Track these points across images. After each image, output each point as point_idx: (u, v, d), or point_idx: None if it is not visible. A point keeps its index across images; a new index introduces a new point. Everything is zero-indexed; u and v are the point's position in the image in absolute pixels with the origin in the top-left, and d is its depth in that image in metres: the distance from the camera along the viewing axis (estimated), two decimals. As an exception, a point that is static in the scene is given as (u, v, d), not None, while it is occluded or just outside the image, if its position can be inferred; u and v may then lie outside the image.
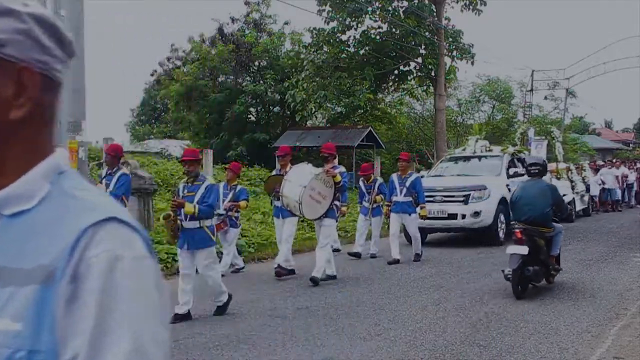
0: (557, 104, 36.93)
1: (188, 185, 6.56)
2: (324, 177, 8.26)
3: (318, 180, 8.17)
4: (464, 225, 12.09)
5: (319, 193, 8.15)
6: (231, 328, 6.09)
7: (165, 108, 38.81)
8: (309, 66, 22.95)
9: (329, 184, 8.26)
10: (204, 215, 6.38)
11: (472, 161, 14.17)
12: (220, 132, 27.18)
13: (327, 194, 8.26)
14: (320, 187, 8.18)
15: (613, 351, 5.26)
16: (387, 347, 5.36)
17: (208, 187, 6.44)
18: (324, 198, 8.20)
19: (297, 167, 8.65)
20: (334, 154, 8.79)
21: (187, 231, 6.44)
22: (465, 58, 22.84)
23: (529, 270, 7.33)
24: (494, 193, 12.04)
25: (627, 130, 67.21)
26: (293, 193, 8.08)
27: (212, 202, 6.45)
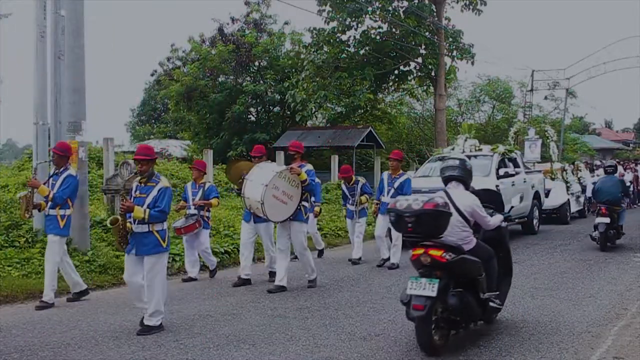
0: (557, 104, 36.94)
1: (141, 186, 6.09)
2: (288, 176, 7.74)
3: (282, 179, 7.65)
4: None
5: (284, 192, 7.64)
6: (231, 328, 6.09)
7: (165, 108, 38.81)
8: (309, 66, 22.94)
9: (295, 183, 7.75)
10: (155, 220, 5.94)
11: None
12: (221, 132, 27.18)
13: (293, 193, 7.73)
14: (285, 186, 7.67)
15: (613, 351, 5.26)
16: (387, 347, 5.36)
17: (161, 190, 5.97)
18: (290, 198, 7.69)
19: (260, 166, 8.05)
20: (301, 152, 8.37)
21: (136, 235, 5.98)
22: (465, 58, 22.84)
23: (610, 232, 11.30)
24: None
25: (627, 130, 67.24)
26: (255, 193, 7.54)
27: (165, 206, 5.96)
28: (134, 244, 5.99)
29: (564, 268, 9.59)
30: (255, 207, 7.66)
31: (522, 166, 14.25)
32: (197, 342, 5.59)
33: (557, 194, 16.66)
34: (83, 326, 6.25)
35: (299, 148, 8.38)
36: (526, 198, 13.46)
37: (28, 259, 8.62)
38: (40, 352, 5.34)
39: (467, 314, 5.28)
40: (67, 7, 9.25)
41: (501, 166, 12.99)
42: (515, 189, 12.89)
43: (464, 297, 5.21)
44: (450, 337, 5.35)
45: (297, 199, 7.77)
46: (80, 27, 9.38)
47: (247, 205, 7.89)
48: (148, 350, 5.36)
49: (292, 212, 7.76)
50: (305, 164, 8.23)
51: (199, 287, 8.34)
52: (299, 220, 7.91)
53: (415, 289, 4.99)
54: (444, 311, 5.13)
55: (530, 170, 15.04)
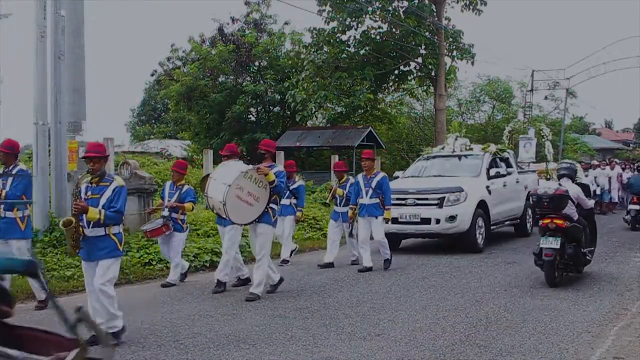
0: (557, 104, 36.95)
1: (92, 186, 5.64)
2: (254, 176, 7.22)
3: (247, 179, 7.16)
4: (438, 230, 11.08)
5: (249, 194, 7.15)
6: (231, 328, 6.09)
7: (165, 108, 38.85)
8: (309, 66, 22.95)
9: (262, 184, 7.25)
10: (111, 221, 5.55)
11: (451, 161, 13.12)
12: (221, 132, 27.20)
13: (260, 195, 7.23)
14: (251, 187, 7.18)
15: (613, 351, 5.25)
16: (387, 347, 5.36)
17: (116, 190, 5.56)
18: (256, 200, 7.20)
19: (226, 164, 7.71)
20: (272, 152, 7.87)
21: (90, 239, 5.57)
22: (466, 58, 22.84)
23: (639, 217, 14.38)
24: (472, 196, 11.11)
25: (627, 130, 67.23)
26: (217, 193, 7.12)
27: (121, 206, 5.56)
28: (87, 249, 5.60)
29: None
30: (217, 207, 7.23)
31: (515, 166, 13.87)
32: (197, 342, 5.59)
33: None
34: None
35: (269, 147, 7.86)
36: (519, 199, 13.24)
37: (28, 259, 8.61)
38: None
39: (577, 261, 8.06)
40: (67, 7, 9.26)
41: (492, 166, 12.54)
42: (507, 189, 12.60)
43: (575, 249, 7.95)
44: (450, 337, 5.38)
45: (264, 201, 7.29)
46: (80, 27, 9.39)
47: (210, 205, 7.50)
48: (148, 350, 5.36)
49: (258, 215, 7.28)
50: (276, 165, 7.80)
51: (199, 287, 8.34)
52: (266, 222, 7.42)
53: (545, 244, 7.79)
54: (562, 258, 7.92)
55: (523, 170, 14.65)
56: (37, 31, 9.64)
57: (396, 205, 10.61)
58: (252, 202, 7.18)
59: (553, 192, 7.82)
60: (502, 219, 12.40)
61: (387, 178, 9.70)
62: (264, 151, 7.74)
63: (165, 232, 8.25)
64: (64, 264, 8.75)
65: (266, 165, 7.50)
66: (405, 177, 12.79)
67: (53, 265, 8.59)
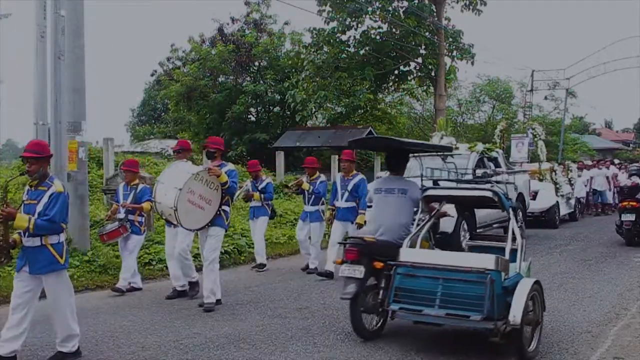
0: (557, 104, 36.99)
1: (31, 190, 5.09)
2: (205, 177, 6.77)
3: (198, 181, 6.71)
4: None
5: (201, 197, 6.71)
6: (231, 328, 6.09)
7: (165, 108, 38.84)
8: (309, 66, 22.96)
9: (214, 185, 6.82)
10: (43, 231, 4.94)
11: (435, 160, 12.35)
12: (221, 132, 27.19)
13: (212, 197, 6.82)
14: (202, 190, 6.74)
15: (613, 351, 5.26)
16: (387, 347, 5.36)
17: (53, 196, 4.94)
18: (208, 203, 6.78)
19: (173, 166, 7.21)
20: (222, 150, 7.36)
21: (27, 250, 5.06)
22: (465, 58, 22.86)
23: None
24: None
25: (627, 130, 67.23)
26: (167, 198, 6.62)
27: (55, 215, 4.91)
28: (25, 260, 5.07)
29: (563, 268, 9.59)
30: (167, 213, 6.71)
31: (504, 166, 13.28)
32: (197, 342, 5.59)
33: (545, 195, 15.47)
34: (83, 326, 6.25)
35: (219, 145, 7.34)
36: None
37: (28, 259, 8.61)
38: (40, 352, 5.35)
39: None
40: (67, 7, 9.25)
41: (479, 166, 11.86)
42: None
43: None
44: (451, 337, 5.35)
45: (216, 204, 6.86)
46: (80, 27, 9.38)
47: (159, 211, 6.89)
48: (148, 350, 5.36)
49: (211, 219, 6.86)
50: (227, 164, 7.25)
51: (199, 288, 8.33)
52: (218, 226, 6.95)
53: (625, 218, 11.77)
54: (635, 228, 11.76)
55: (513, 171, 13.97)
56: (37, 31, 9.63)
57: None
58: (204, 205, 6.76)
59: (630, 184, 12.48)
60: (489, 221, 11.68)
61: (366, 180, 9.10)
62: (214, 149, 7.27)
63: (123, 234, 7.90)
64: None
65: (216, 165, 7.07)
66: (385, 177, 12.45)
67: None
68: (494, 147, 13.76)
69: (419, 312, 5.06)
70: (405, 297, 5.14)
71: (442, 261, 5.17)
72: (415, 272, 5.16)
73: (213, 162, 7.21)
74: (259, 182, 9.78)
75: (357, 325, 5.54)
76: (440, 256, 5.40)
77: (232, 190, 7.00)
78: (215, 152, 7.26)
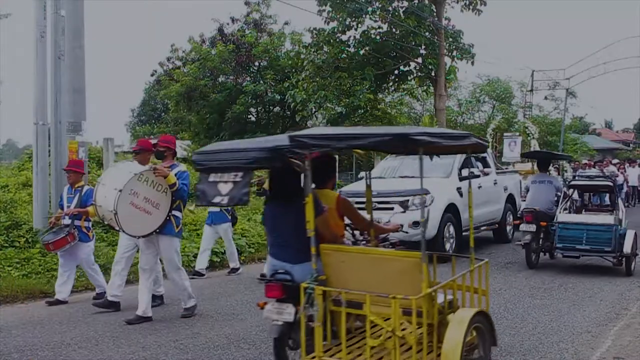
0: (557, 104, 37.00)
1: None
2: (151, 179, 6.19)
3: (142, 182, 6.14)
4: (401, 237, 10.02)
5: (147, 200, 6.14)
6: (231, 328, 6.09)
7: (165, 108, 38.84)
8: (309, 66, 22.95)
9: (162, 187, 6.25)
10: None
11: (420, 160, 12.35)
12: (221, 132, 27.20)
13: (160, 201, 6.23)
14: (148, 192, 6.16)
15: (613, 351, 5.26)
16: (387, 347, 5.35)
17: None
18: (155, 207, 6.19)
19: (117, 166, 6.71)
20: (173, 149, 6.75)
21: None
22: (466, 58, 22.82)
23: None
24: (439, 198, 10.14)
25: (627, 130, 67.25)
26: (107, 200, 6.06)
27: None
28: None
29: (564, 268, 9.59)
30: (108, 217, 6.17)
31: (494, 166, 12.88)
32: (197, 342, 5.59)
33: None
34: (83, 326, 6.26)
35: (169, 143, 6.74)
36: (497, 202, 12.37)
37: (28, 259, 8.64)
38: (40, 352, 5.35)
39: None
40: (67, 7, 9.25)
41: (466, 166, 11.22)
42: (483, 191, 11.57)
43: None
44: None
45: (165, 208, 6.28)
46: (80, 27, 9.39)
47: (99, 215, 6.34)
48: (148, 350, 5.36)
49: (159, 225, 6.27)
50: (178, 165, 6.66)
51: (198, 288, 8.34)
52: (169, 234, 6.38)
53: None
54: None
55: (503, 171, 13.69)
56: (37, 31, 9.64)
57: None
58: (151, 209, 6.17)
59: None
60: (477, 223, 11.34)
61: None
62: (164, 148, 6.66)
63: (71, 242, 7.26)
64: (64, 264, 8.75)
65: (166, 165, 6.49)
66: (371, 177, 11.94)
67: (53, 266, 8.58)
68: None
69: (573, 248, 9.04)
70: (565, 241, 9.05)
71: (585, 220, 9.19)
72: (569, 226, 9.05)
73: (163, 163, 6.63)
74: None
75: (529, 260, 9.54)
76: (583, 217, 9.46)
77: (182, 193, 6.40)
78: (165, 151, 6.67)
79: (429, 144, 3.80)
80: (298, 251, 4.12)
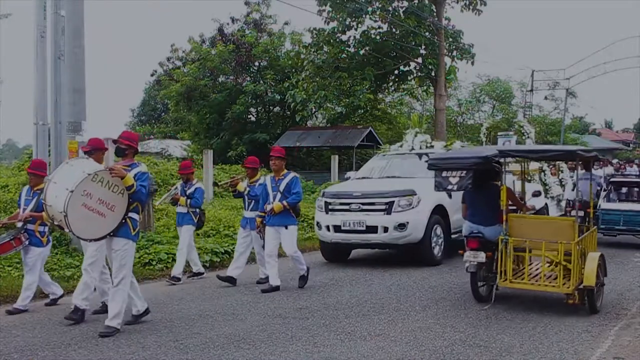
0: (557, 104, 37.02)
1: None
2: (107, 179, 5.80)
3: (96, 183, 5.75)
4: (386, 240, 9.53)
5: (101, 201, 5.75)
6: (231, 328, 6.09)
7: (165, 108, 38.86)
8: (309, 66, 22.96)
9: (118, 188, 5.85)
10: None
11: (408, 160, 11.44)
12: (221, 132, 27.21)
13: (116, 203, 5.83)
14: (103, 193, 5.76)
15: (613, 351, 5.26)
16: (387, 347, 5.36)
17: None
18: (110, 209, 5.80)
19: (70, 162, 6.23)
20: (134, 147, 6.22)
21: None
22: (465, 58, 22.84)
23: None
24: (426, 200, 9.60)
25: (627, 130, 67.28)
26: (57, 200, 5.68)
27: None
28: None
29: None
30: (58, 219, 5.79)
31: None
32: (197, 342, 5.59)
33: (533, 197, 14.35)
34: (83, 326, 6.25)
35: (131, 140, 6.23)
36: None
37: (28, 259, 8.61)
38: (40, 352, 5.35)
39: None
40: (67, 7, 9.26)
41: None
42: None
43: None
44: (450, 337, 5.41)
45: (121, 210, 5.87)
46: (80, 28, 9.39)
47: (49, 215, 5.94)
48: (148, 350, 5.36)
49: (114, 228, 5.86)
50: (139, 164, 6.15)
51: (199, 287, 8.34)
52: (123, 237, 5.93)
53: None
54: None
55: None
56: (37, 31, 9.65)
57: (339, 211, 9.79)
58: (105, 211, 5.79)
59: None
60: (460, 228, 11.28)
61: (299, 179, 8.23)
62: (125, 146, 6.16)
63: (16, 247, 6.86)
64: (63, 264, 8.76)
65: (125, 165, 6.07)
66: (357, 178, 11.30)
67: (52, 265, 8.59)
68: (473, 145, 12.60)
69: (612, 229, 11.83)
70: (607, 223, 11.74)
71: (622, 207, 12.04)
72: (610, 212, 11.85)
73: (122, 161, 6.15)
74: (188, 186, 8.82)
75: None
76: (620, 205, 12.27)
77: (139, 195, 5.95)
78: (126, 148, 6.16)
79: (583, 158, 7.44)
80: (488, 218, 7.08)
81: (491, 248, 6.88)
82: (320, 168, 25.67)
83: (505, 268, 6.68)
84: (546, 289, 6.69)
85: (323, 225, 10.00)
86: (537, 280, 6.74)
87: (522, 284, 6.77)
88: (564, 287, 6.49)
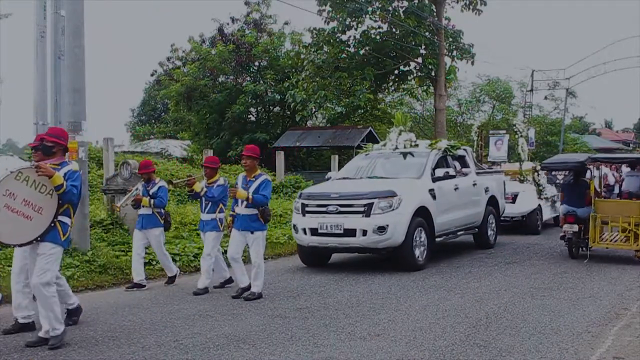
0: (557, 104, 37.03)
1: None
2: (33, 178, 5.35)
3: (21, 182, 5.32)
4: (365, 244, 9.11)
5: (26, 202, 5.31)
6: (231, 328, 6.09)
7: (165, 108, 38.89)
8: (309, 66, 22.95)
9: (46, 189, 5.36)
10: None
11: (392, 160, 11.02)
12: (221, 132, 27.22)
13: (43, 205, 5.35)
14: (29, 194, 5.32)
15: (613, 351, 5.26)
16: (387, 347, 5.36)
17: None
18: (37, 211, 5.33)
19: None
20: (63, 145, 5.73)
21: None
22: (466, 58, 22.84)
23: None
24: (408, 201, 9.22)
25: (627, 130, 67.33)
26: None
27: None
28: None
29: (564, 268, 9.59)
30: None
31: (473, 166, 11.93)
32: (197, 342, 5.59)
33: (526, 198, 14.34)
34: (83, 326, 6.25)
35: (59, 137, 5.73)
36: (476, 204, 11.45)
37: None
38: (40, 352, 5.34)
39: None
40: (67, 7, 9.25)
41: (441, 165, 10.59)
42: (459, 193, 10.76)
43: None
44: (450, 337, 5.40)
45: (49, 213, 5.39)
46: (80, 27, 9.38)
47: None
48: (148, 350, 5.36)
49: (42, 232, 5.38)
50: (69, 163, 5.71)
51: (199, 287, 8.33)
52: (50, 241, 5.43)
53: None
54: None
55: (483, 171, 12.70)
56: (37, 31, 9.63)
57: (316, 213, 9.36)
58: (32, 214, 5.32)
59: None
60: (453, 228, 10.63)
61: (270, 182, 7.64)
62: (51, 143, 5.64)
63: None
64: (63, 264, 8.75)
65: (55, 163, 5.58)
66: (338, 178, 10.87)
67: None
68: (461, 145, 12.35)
69: None
70: None
71: None
72: None
73: (51, 160, 5.61)
74: (150, 185, 8.32)
75: None
76: None
77: (70, 196, 5.46)
78: (53, 146, 5.65)
79: None
80: (579, 202, 10.53)
81: (581, 222, 10.26)
82: (320, 168, 25.68)
83: (595, 234, 10.12)
84: (622, 246, 10.17)
85: (299, 228, 9.52)
86: (615, 242, 10.28)
87: (605, 244, 10.29)
88: (635, 245, 9.92)
